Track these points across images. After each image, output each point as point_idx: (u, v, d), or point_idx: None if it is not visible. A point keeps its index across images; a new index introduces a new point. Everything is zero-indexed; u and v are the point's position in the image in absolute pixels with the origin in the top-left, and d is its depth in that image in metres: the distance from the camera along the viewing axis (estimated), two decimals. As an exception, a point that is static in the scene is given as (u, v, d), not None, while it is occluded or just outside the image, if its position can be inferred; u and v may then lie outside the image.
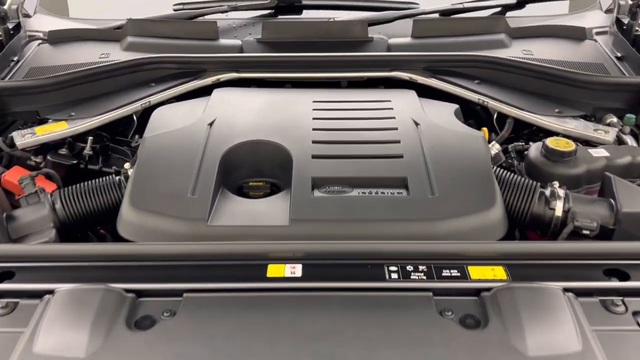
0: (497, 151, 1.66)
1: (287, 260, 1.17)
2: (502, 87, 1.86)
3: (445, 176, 1.39)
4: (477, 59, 1.89)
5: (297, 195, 1.34)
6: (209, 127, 1.57)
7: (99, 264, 1.19)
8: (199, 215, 1.30)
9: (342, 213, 1.31)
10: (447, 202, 1.32)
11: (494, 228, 1.31)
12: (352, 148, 1.50)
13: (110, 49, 2.07)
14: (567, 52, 2.04)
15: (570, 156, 1.49)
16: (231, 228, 1.29)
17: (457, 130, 1.57)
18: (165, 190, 1.37)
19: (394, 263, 1.16)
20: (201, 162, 1.44)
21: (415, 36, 2.07)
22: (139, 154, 1.49)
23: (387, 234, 1.28)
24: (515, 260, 1.17)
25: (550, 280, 1.12)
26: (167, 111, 1.71)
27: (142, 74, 1.89)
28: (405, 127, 1.57)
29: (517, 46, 2.06)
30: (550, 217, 1.37)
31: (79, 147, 1.73)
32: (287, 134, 1.54)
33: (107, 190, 1.46)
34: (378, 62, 1.91)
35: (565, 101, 1.81)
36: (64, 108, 1.81)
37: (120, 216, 1.34)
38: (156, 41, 2.07)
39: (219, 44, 2.07)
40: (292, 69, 1.91)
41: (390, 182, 1.39)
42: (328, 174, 1.40)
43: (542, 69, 1.84)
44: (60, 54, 2.08)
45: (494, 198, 1.34)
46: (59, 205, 1.42)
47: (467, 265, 1.15)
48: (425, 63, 1.89)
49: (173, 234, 1.28)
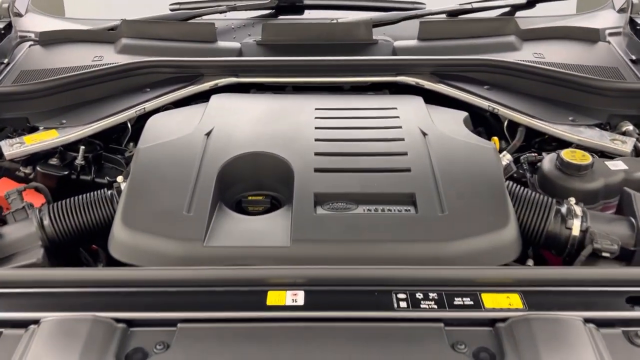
0: (508, 162, 1.58)
1: (289, 287, 1.10)
2: (513, 93, 1.78)
3: (455, 192, 1.31)
4: (486, 63, 1.81)
5: (298, 212, 1.27)
6: (206, 137, 1.50)
7: (88, 290, 1.12)
8: (195, 235, 1.22)
9: (346, 233, 1.24)
10: (458, 221, 1.25)
11: (507, 249, 1.24)
12: (357, 161, 1.42)
13: (103, 51, 1.99)
14: (580, 55, 1.96)
15: (586, 170, 1.42)
16: (229, 249, 1.22)
17: (467, 142, 1.49)
18: (159, 207, 1.30)
19: (403, 290, 1.09)
20: (197, 176, 1.36)
21: (421, 38, 1.99)
22: (132, 166, 1.42)
23: (395, 256, 1.21)
24: (532, 287, 1.10)
25: (570, 309, 1.05)
26: (163, 119, 1.64)
27: (137, 79, 1.82)
28: (413, 137, 1.49)
29: (527, 49, 1.98)
30: (567, 236, 1.29)
31: (71, 157, 1.66)
32: (288, 145, 1.47)
33: (98, 205, 1.39)
34: (383, 66, 1.83)
35: (579, 108, 1.73)
36: (55, 114, 1.73)
37: (112, 236, 1.27)
38: (151, 43, 1.99)
39: (217, 47, 1.99)
40: (293, 73, 1.83)
41: (397, 198, 1.31)
42: (331, 190, 1.33)
43: (555, 74, 1.76)
44: (51, 56, 2.00)
45: (508, 216, 1.26)
46: (47, 221, 1.35)
47: (481, 293, 1.08)
48: (433, 67, 1.81)
49: (167, 256, 1.21)
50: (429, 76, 1.81)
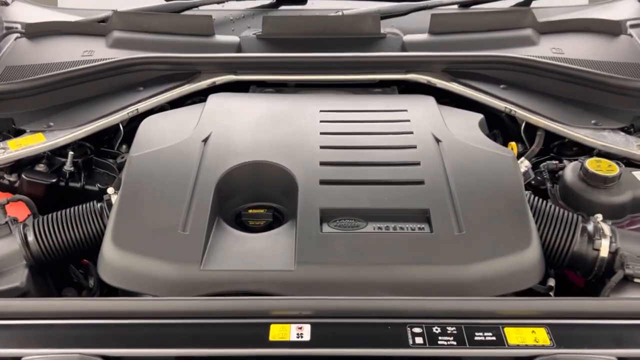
0: (527, 168, 1.48)
1: (294, 319, 1.00)
2: (531, 93, 1.67)
3: (473, 208, 1.21)
4: (502, 60, 1.69)
5: (303, 231, 1.17)
6: (203, 144, 1.39)
7: (75, 322, 1.02)
8: (191, 257, 1.13)
9: (355, 254, 1.14)
10: (476, 241, 1.15)
11: (529, 272, 1.15)
12: (366, 171, 1.32)
13: (94, 45, 1.87)
14: (600, 50, 1.84)
15: (613, 182, 1.32)
16: (228, 273, 1.12)
17: (484, 149, 1.39)
18: (152, 224, 1.20)
19: (418, 323, 1.00)
20: (194, 189, 1.26)
21: (432, 32, 1.87)
22: (124, 177, 1.32)
23: (408, 280, 1.12)
24: (560, 320, 1.01)
25: (601, 345, 0.97)
26: (157, 122, 1.53)
27: (129, 76, 1.70)
28: (425, 145, 1.39)
29: (545, 43, 1.85)
30: (594, 258, 1.20)
31: (59, 162, 1.56)
32: (291, 153, 1.36)
33: (87, 219, 1.29)
34: (392, 63, 1.71)
35: (602, 109, 1.62)
36: (41, 115, 1.62)
37: (102, 257, 1.17)
38: (145, 37, 1.87)
39: (214, 41, 1.87)
40: (295, 70, 1.71)
41: (410, 214, 1.22)
42: (339, 205, 1.23)
43: (575, 73, 1.65)
44: (38, 50, 1.88)
45: (530, 236, 1.17)
46: (32, 238, 1.26)
47: (504, 327, 1.00)
48: (445, 64, 1.69)
49: (162, 280, 1.12)
50: (440, 74, 1.69)
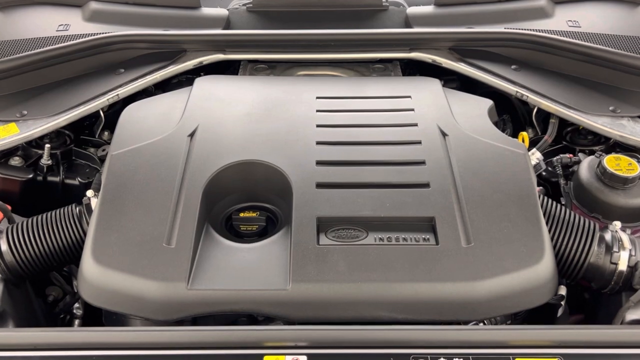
0: (538, 161, 1.39)
1: (289, 350, 0.93)
2: (545, 74, 1.55)
3: (482, 216, 1.12)
4: (513, 38, 1.56)
5: (298, 243, 1.08)
6: (189, 139, 1.28)
7: (52, 354, 0.94)
8: (178, 274, 1.04)
9: (355, 271, 1.06)
10: (486, 254, 1.07)
11: (542, 288, 1.07)
12: (366, 172, 1.22)
13: (70, 17, 1.72)
14: (620, 23, 1.70)
15: (633, 182, 1.22)
16: (218, 292, 1.04)
17: (494, 145, 1.28)
18: (135, 237, 1.10)
19: (423, 355, 0.93)
20: (179, 193, 1.17)
21: (438, 4, 1.72)
22: (104, 179, 1.21)
23: (412, 299, 1.04)
24: (573, 350, 0.94)
25: (618, 378, 0.90)
26: (139, 112, 1.41)
27: (109, 56, 1.57)
28: (431, 140, 1.28)
29: (560, 14, 1.72)
30: (612, 271, 1.11)
31: (36, 155, 1.45)
32: (286, 150, 1.26)
33: (65, 226, 1.20)
34: (394, 40, 1.58)
35: (621, 92, 1.51)
36: (13, 101, 1.50)
37: (81, 274, 1.08)
38: (125, 9, 1.72)
39: (200, 15, 1.72)
40: (289, 48, 1.58)
41: (414, 223, 1.12)
42: (337, 213, 1.13)
43: (593, 52, 1.52)
44: (9, 23, 1.73)
45: (543, 248, 1.08)
46: (5, 247, 1.16)
47: (515, 357, 0.93)
48: (452, 42, 1.57)
49: (145, 300, 1.04)
50: (447, 52, 1.56)
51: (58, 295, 1.33)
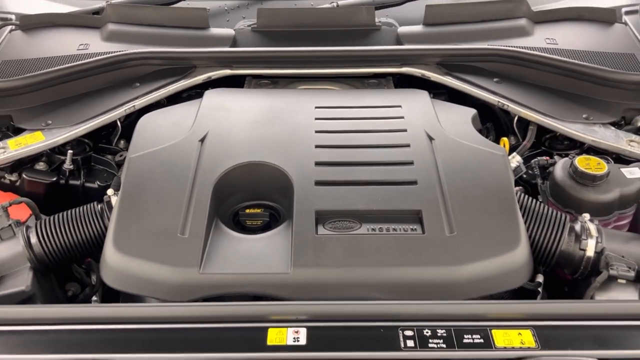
0: (518, 164, 1.51)
1: (290, 323, 1.05)
2: (524, 86, 1.68)
3: (464, 208, 1.24)
4: (496, 53, 1.70)
5: (299, 233, 1.21)
6: (199, 144, 1.41)
7: (80, 327, 1.06)
8: (191, 260, 1.16)
9: (349, 257, 1.18)
10: (467, 242, 1.19)
11: (518, 272, 1.19)
12: (360, 171, 1.35)
13: (89, 37, 1.87)
14: (594, 40, 1.85)
15: (601, 180, 1.35)
16: (227, 276, 1.16)
17: (477, 148, 1.41)
18: (152, 228, 1.23)
19: (410, 326, 1.04)
20: (192, 191, 1.29)
21: (427, 23, 1.87)
22: (123, 179, 1.34)
23: (401, 281, 1.16)
24: (545, 322, 1.05)
25: (585, 347, 1.01)
26: (154, 121, 1.54)
27: (125, 71, 1.72)
28: (419, 143, 1.41)
29: (539, 33, 1.86)
30: (581, 257, 1.23)
31: (58, 160, 1.58)
32: (287, 153, 1.39)
33: (88, 221, 1.32)
34: (387, 56, 1.72)
35: (594, 102, 1.64)
36: (39, 112, 1.64)
37: (104, 260, 1.20)
38: (139, 30, 1.87)
39: (209, 34, 1.87)
40: (290, 64, 1.72)
41: (403, 215, 1.25)
42: (334, 206, 1.26)
43: (568, 66, 1.66)
44: (34, 43, 1.88)
45: (519, 236, 1.20)
46: (35, 240, 1.29)
47: (491, 329, 1.04)
48: (439, 57, 1.71)
49: (162, 283, 1.16)
50: (435, 67, 1.71)
51: (76, 290, 1.44)
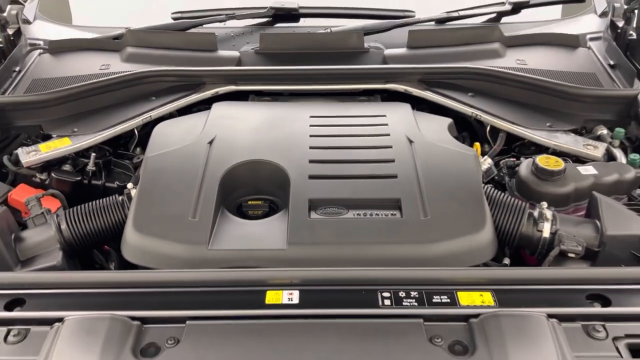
0: (489, 166, 1.71)
1: (285, 287, 1.22)
2: (495, 99, 1.89)
3: (437, 197, 1.43)
4: (470, 71, 1.92)
5: (294, 217, 1.39)
6: (208, 145, 1.61)
7: (105, 290, 1.24)
8: (200, 239, 1.35)
9: (338, 236, 1.36)
10: (439, 224, 1.37)
11: (483, 250, 1.37)
12: (348, 167, 1.54)
13: (110, 59, 2.10)
14: (560, 61, 2.07)
15: (559, 175, 1.54)
16: (231, 252, 1.34)
17: (450, 148, 1.61)
18: (167, 213, 1.42)
19: (387, 289, 1.20)
20: (201, 183, 1.48)
21: (410, 47, 2.10)
22: (141, 174, 1.54)
23: (382, 257, 1.33)
24: (503, 286, 1.22)
25: (535, 305, 1.17)
26: (168, 128, 1.75)
27: (143, 87, 1.93)
28: (400, 145, 1.61)
29: (511, 55, 2.09)
30: (538, 238, 1.42)
31: (82, 163, 1.78)
32: (285, 152, 1.58)
33: (110, 210, 1.51)
34: (374, 74, 1.94)
35: (557, 113, 1.85)
36: (66, 122, 1.85)
37: (125, 240, 1.39)
38: (155, 52, 2.10)
39: (217, 56, 2.10)
40: (289, 81, 1.94)
41: (384, 203, 1.43)
42: (324, 195, 1.45)
43: (534, 82, 1.87)
44: (61, 64, 2.11)
45: (484, 220, 1.39)
46: (64, 226, 1.48)
47: (457, 291, 1.20)
48: (420, 75, 1.92)
49: (175, 258, 1.33)
50: (417, 83, 1.92)
51: None
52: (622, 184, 1.57)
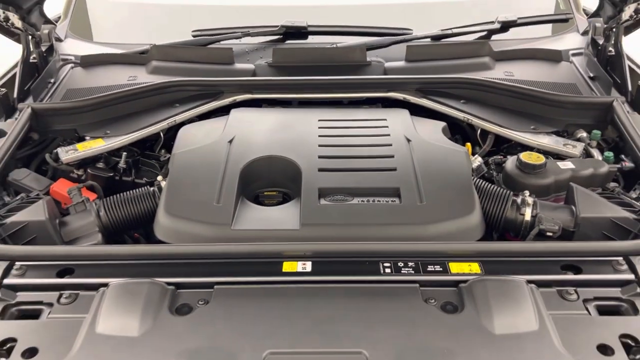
0: (480, 163, 1.90)
1: (299, 258, 1.40)
2: (485, 106, 2.09)
3: (432, 186, 1.62)
4: (463, 81, 2.12)
5: (306, 203, 1.58)
6: (228, 144, 1.81)
7: (143, 262, 1.43)
8: (224, 220, 1.54)
9: (344, 218, 1.55)
10: (433, 208, 1.56)
11: (472, 230, 1.55)
12: (353, 162, 1.74)
13: (136, 72, 2.31)
14: (544, 73, 2.28)
15: (540, 169, 1.73)
16: (251, 232, 1.53)
17: (443, 146, 1.81)
18: (194, 199, 1.61)
19: (388, 260, 1.39)
20: (224, 175, 1.68)
21: (408, 60, 2.32)
22: (170, 168, 1.74)
23: (383, 236, 1.52)
24: (489, 258, 1.41)
25: (517, 274, 1.35)
26: (192, 129, 1.96)
27: (167, 95, 2.13)
28: (399, 143, 1.81)
29: (499, 68, 2.29)
30: (521, 221, 1.61)
31: (114, 161, 1.97)
32: (297, 150, 1.78)
33: (143, 199, 1.71)
34: (375, 84, 2.14)
35: (540, 118, 2.04)
36: (99, 126, 2.05)
37: (157, 221, 1.58)
38: (178, 65, 2.31)
39: (234, 68, 2.31)
40: (299, 90, 2.14)
41: (385, 191, 1.62)
42: (332, 185, 1.64)
43: (520, 90, 2.07)
44: (92, 76, 2.33)
45: (473, 205, 1.58)
46: (102, 212, 1.67)
47: (448, 262, 1.39)
48: (417, 85, 2.12)
49: (202, 237, 1.52)
50: (414, 92, 2.12)
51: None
52: (597, 177, 1.76)
